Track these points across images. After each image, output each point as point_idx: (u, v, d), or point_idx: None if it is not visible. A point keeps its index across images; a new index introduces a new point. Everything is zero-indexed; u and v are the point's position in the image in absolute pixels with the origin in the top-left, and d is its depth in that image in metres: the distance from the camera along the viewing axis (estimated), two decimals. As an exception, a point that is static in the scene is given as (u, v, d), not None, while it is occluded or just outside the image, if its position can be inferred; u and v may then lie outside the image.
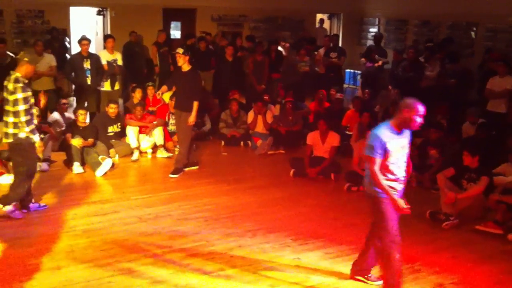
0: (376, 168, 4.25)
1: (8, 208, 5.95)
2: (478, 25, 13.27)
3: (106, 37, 10.30)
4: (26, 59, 5.86)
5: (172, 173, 7.71)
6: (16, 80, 5.71)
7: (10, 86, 5.72)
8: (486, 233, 5.97)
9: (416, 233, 5.91)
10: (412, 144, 8.29)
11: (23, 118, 5.71)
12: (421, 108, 4.18)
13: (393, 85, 11.37)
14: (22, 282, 4.57)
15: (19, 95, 5.68)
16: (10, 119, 5.77)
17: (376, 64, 12.18)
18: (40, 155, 7.07)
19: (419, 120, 4.19)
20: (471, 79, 10.19)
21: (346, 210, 6.58)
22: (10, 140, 5.83)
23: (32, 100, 5.87)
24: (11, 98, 5.71)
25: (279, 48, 12.63)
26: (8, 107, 5.76)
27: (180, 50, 7.47)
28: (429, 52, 11.43)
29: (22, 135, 5.78)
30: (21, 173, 5.94)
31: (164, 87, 7.75)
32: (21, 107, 5.70)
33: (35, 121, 6.01)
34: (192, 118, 7.53)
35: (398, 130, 4.28)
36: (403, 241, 5.60)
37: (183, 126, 7.66)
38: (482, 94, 9.37)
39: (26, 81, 5.82)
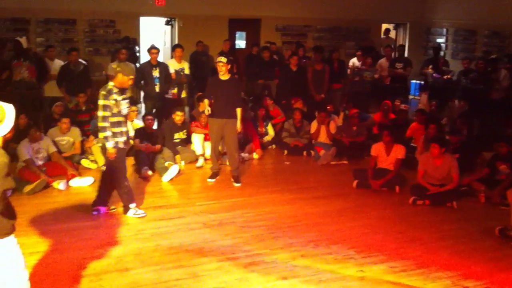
0: None
1: (132, 211, 6.36)
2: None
3: (174, 47, 10.59)
4: (119, 69, 6.12)
5: (236, 182, 7.82)
6: (109, 90, 6.00)
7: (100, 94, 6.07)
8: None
9: (485, 250, 5.72)
10: (481, 159, 8.17)
11: (101, 124, 6.00)
12: None
13: (460, 97, 11.11)
14: (91, 282, 4.75)
15: (100, 102, 5.98)
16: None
17: (445, 77, 11.93)
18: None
19: None
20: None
21: (411, 223, 6.45)
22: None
23: (116, 109, 6.04)
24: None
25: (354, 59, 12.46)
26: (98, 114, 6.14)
27: (224, 59, 7.52)
28: (495, 63, 11.07)
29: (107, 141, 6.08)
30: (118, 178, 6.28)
31: (206, 101, 7.68)
32: (100, 113, 6.00)
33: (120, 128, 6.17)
34: (239, 125, 7.65)
35: None
36: (470, 257, 5.48)
37: (232, 132, 7.68)
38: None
39: (116, 90, 6.01)
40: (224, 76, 7.57)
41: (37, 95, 9.76)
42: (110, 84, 6.06)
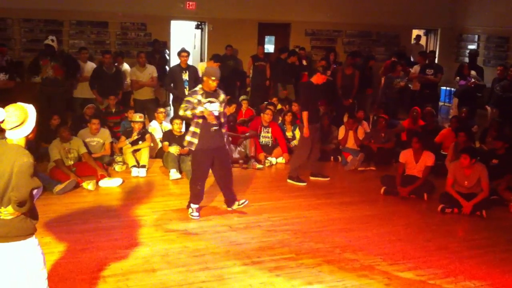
0: None
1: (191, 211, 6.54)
2: None
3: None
4: (213, 78, 6.16)
5: (291, 179, 8.13)
6: (194, 91, 6.28)
7: None
8: None
9: (514, 261, 5.63)
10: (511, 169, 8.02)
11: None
12: None
13: (492, 105, 10.94)
14: (118, 282, 4.81)
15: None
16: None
17: (469, 83, 11.79)
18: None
19: None
20: None
21: (439, 232, 6.37)
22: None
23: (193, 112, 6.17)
24: None
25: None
26: None
27: (320, 68, 8.06)
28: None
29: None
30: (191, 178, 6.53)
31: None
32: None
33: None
34: (305, 129, 7.82)
35: None
36: (499, 267, 5.38)
37: (300, 138, 8.17)
38: None
39: (201, 92, 6.18)
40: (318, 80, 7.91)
41: (63, 93, 9.88)
42: (199, 86, 6.28)
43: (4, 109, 3.33)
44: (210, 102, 6.20)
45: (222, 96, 6.38)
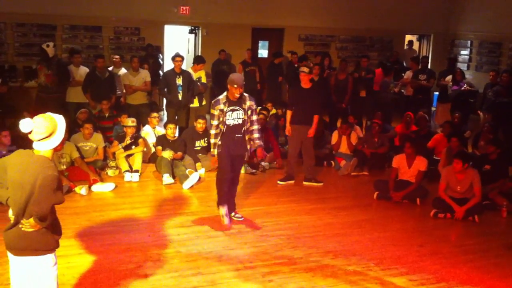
0: None
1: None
2: None
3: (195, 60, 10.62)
4: (235, 86, 6.06)
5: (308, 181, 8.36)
6: (216, 100, 6.22)
7: None
8: None
9: (506, 266, 5.66)
10: (505, 174, 8.05)
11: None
12: None
13: (484, 110, 10.98)
14: (110, 287, 4.79)
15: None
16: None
17: (463, 88, 11.85)
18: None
19: None
20: None
21: (432, 237, 6.39)
22: None
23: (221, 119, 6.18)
24: None
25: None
26: None
27: (306, 70, 8.03)
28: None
29: None
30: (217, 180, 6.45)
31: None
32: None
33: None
34: (311, 131, 8.03)
35: None
36: (491, 272, 5.40)
37: (305, 139, 8.17)
38: None
39: (224, 100, 6.13)
40: (306, 85, 8.06)
41: (57, 99, 9.86)
42: (224, 94, 6.20)
43: (33, 119, 3.23)
44: (233, 110, 6.15)
45: (249, 103, 6.23)
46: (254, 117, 6.34)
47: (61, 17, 12.78)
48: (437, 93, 14.42)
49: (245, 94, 6.26)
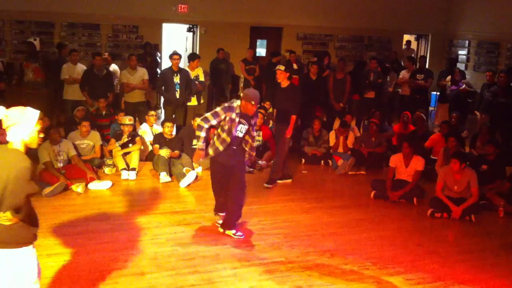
0: None
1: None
2: None
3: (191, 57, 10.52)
4: (253, 102, 5.80)
5: (267, 183, 8.00)
6: (230, 107, 5.86)
7: None
8: None
9: (503, 265, 5.66)
10: (502, 174, 8.07)
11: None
12: None
13: (481, 110, 10.99)
14: (107, 285, 4.78)
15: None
16: None
17: (461, 89, 11.86)
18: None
19: None
20: None
21: (429, 236, 6.39)
22: None
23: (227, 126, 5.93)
24: None
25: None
26: None
27: (282, 67, 7.86)
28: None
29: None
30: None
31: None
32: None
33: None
34: (288, 130, 7.82)
35: None
36: (488, 272, 5.40)
37: (280, 138, 7.96)
38: None
39: (238, 111, 5.82)
40: (283, 83, 7.86)
41: (47, 95, 9.83)
42: (238, 102, 5.86)
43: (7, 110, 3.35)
44: (240, 123, 5.88)
45: (254, 121, 6.05)
46: (255, 133, 6.26)
47: (59, 14, 12.78)
48: (436, 93, 14.45)
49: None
